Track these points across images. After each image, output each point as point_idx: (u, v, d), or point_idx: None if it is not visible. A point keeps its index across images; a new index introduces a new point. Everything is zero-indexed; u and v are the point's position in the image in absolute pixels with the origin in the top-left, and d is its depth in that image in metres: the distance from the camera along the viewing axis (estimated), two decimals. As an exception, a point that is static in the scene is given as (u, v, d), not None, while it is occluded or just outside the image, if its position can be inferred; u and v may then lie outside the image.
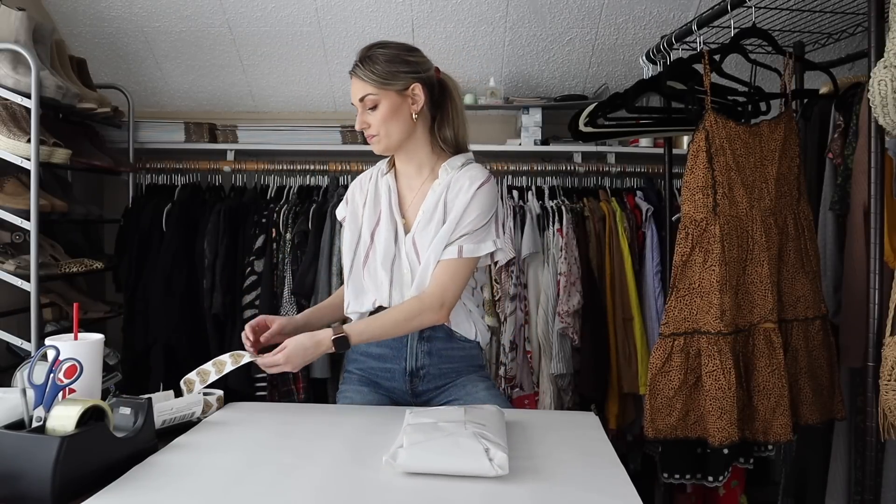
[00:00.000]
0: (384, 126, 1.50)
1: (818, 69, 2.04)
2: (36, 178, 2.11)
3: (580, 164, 2.81)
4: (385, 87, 1.48)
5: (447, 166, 1.55)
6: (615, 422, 2.57)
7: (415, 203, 1.58)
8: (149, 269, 2.67)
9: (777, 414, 1.69)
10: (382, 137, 1.52)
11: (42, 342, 1.16)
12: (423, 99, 1.52)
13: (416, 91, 1.51)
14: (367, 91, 1.49)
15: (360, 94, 1.50)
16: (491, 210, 1.52)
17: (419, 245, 1.52)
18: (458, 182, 1.53)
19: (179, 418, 1.29)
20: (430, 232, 1.51)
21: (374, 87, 1.48)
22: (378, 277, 1.55)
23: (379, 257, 1.55)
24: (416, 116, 1.52)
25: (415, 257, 1.52)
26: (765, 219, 1.74)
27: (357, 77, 1.50)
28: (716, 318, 1.67)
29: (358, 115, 1.53)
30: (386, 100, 1.49)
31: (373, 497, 0.99)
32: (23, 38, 2.15)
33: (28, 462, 0.95)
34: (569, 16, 2.75)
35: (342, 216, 1.67)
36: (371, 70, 1.48)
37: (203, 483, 1.02)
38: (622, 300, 2.59)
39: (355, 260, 1.59)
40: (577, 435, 1.28)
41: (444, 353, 1.55)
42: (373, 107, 1.50)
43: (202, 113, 3.10)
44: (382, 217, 1.58)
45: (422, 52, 1.56)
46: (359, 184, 1.67)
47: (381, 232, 1.56)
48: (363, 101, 1.50)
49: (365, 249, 1.57)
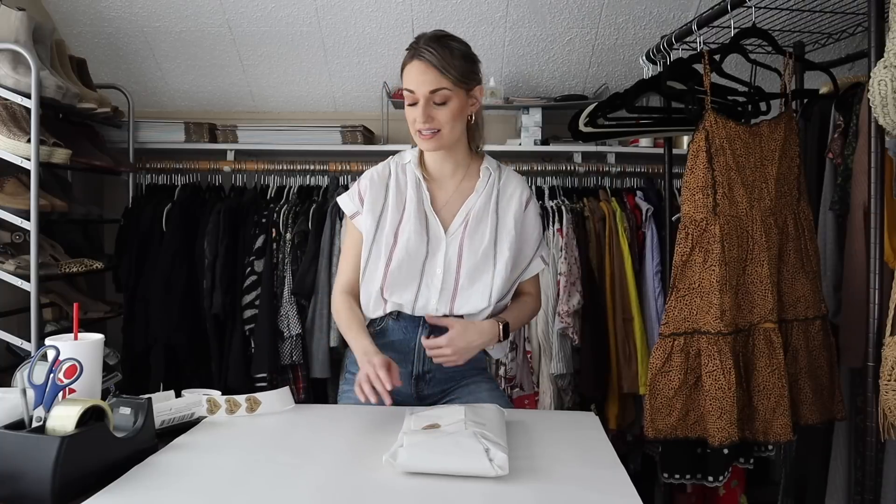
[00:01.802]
0: (451, 124, 1.43)
1: (818, 69, 2.04)
2: (36, 178, 2.11)
3: (580, 164, 2.81)
4: (461, 84, 1.43)
5: (487, 167, 1.56)
6: (615, 422, 2.57)
7: (451, 204, 1.53)
8: (149, 269, 2.67)
9: (777, 414, 1.69)
10: (445, 134, 1.44)
11: (42, 342, 1.16)
12: (480, 101, 1.49)
13: (478, 93, 1.48)
14: (442, 85, 1.40)
15: (433, 86, 1.40)
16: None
17: (467, 248, 1.49)
18: (508, 189, 1.55)
19: (178, 419, 1.29)
20: (484, 236, 1.50)
21: (450, 82, 1.41)
22: (404, 278, 1.49)
23: (406, 257, 1.48)
24: (473, 118, 1.50)
25: (456, 260, 1.48)
26: (765, 219, 1.74)
27: (431, 67, 1.40)
28: (716, 318, 1.67)
29: (420, 107, 1.42)
30: (457, 98, 1.43)
31: (373, 497, 0.99)
32: (23, 38, 2.15)
33: (28, 462, 0.95)
34: (569, 16, 2.75)
35: (352, 211, 1.55)
36: (451, 65, 1.40)
37: (203, 483, 1.02)
38: (622, 300, 2.59)
39: (371, 258, 1.52)
40: (577, 435, 1.28)
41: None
42: (442, 102, 1.42)
43: (202, 113, 3.10)
44: (408, 214, 1.50)
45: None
46: (371, 178, 1.56)
47: (407, 231, 1.49)
48: (434, 94, 1.41)
49: (388, 248, 1.50)
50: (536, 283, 1.65)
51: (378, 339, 1.52)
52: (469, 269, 1.48)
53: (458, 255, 1.49)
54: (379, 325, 1.54)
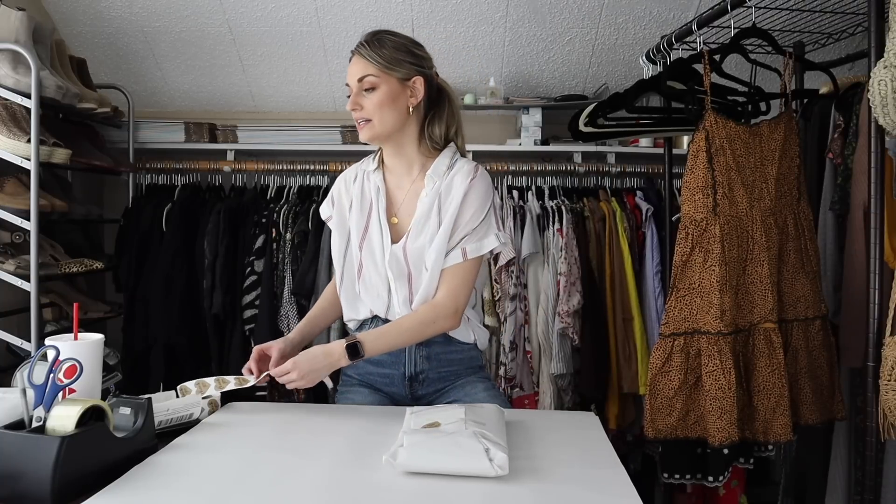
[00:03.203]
0: (378, 111, 1.44)
1: (818, 69, 2.04)
2: (36, 178, 2.11)
3: (580, 164, 2.81)
4: (388, 71, 1.44)
5: (432, 174, 1.50)
6: (615, 422, 2.57)
7: (406, 203, 1.53)
8: (149, 269, 2.67)
9: (777, 414, 1.69)
10: (375, 124, 1.46)
11: (42, 342, 1.16)
12: (422, 93, 1.48)
13: (417, 84, 1.47)
14: (368, 71, 1.44)
15: (360, 74, 1.45)
16: (487, 201, 1.48)
17: (410, 254, 1.48)
18: (449, 184, 1.49)
19: (177, 420, 1.29)
20: (424, 240, 1.47)
21: (376, 68, 1.43)
22: (375, 289, 1.51)
23: (373, 269, 1.51)
24: (412, 110, 1.48)
25: (404, 266, 1.48)
26: (765, 219, 1.74)
27: (360, 56, 1.45)
28: (716, 318, 1.67)
29: (352, 96, 1.46)
30: (386, 84, 1.44)
31: (373, 497, 0.99)
32: (23, 38, 2.15)
33: (28, 462, 0.95)
34: (569, 16, 2.75)
35: (327, 215, 1.62)
36: (377, 52, 1.44)
37: (203, 483, 1.02)
38: (622, 300, 2.59)
39: (346, 269, 1.55)
40: (577, 435, 1.28)
41: (443, 356, 1.54)
42: (370, 88, 1.44)
43: (202, 113, 3.10)
44: (371, 225, 1.52)
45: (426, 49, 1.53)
46: (344, 183, 1.61)
47: (371, 242, 1.51)
48: (361, 82, 1.45)
49: (357, 260, 1.53)
50: (453, 277, 1.46)
51: None
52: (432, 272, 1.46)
53: (405, 261, 1.48)
54: (368, 328, 1.55)
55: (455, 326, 1.47)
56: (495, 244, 1.48)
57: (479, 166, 1.52)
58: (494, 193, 1.52)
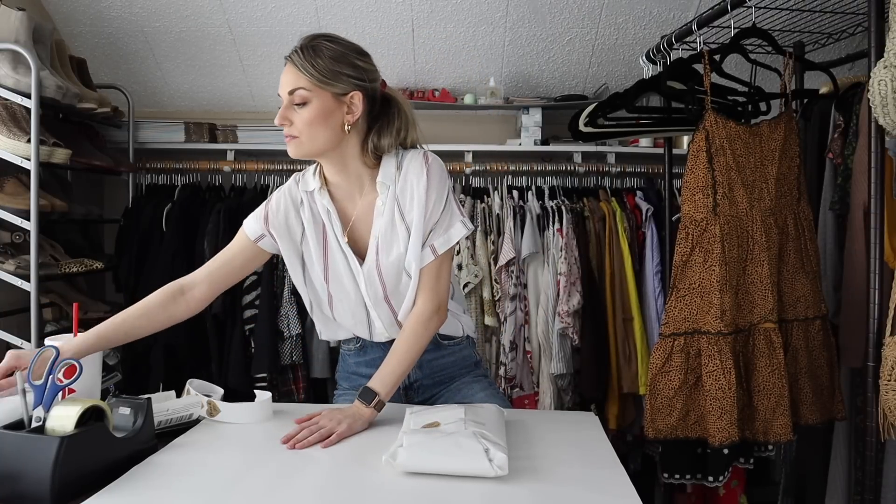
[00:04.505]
0: (308, 129, 1.30)
1: (818, 69, 2.04)
2: (36, 178, 2.11)
3: (580, 164, 2.81)
4: (322, 85, 1.29)
5: (383, 181, 1.37)
6: (615, 422, 2.57)
7: (362, 218, 1.41)
8: (148, 269, 2.66)
9: (777, 414, 1.69)
10: (304, 141, 1.32)
11: (42, 342, 1.15)
12: (360, 109, 1.33)
13: (355, 100, 1.32)
14: (299, 84, 1.29)
15: (290, 86, 1.30)
16: (444, 188, 1.37)
17: (385, 270, 1.39)
18: (404, 184, 1.37)
19: (176, 420, 1.29)
20: (399, 250, 1.38)
21: (308, 81, 1.28)
22: (353, 318, 1.45)
23: (345, 299, 1.42)
24: (348, 128, 1.33)
25: (380, 288, 1.40)
26: (765, 219, 1.74)
27: (292, 65, 1.30)
28: (716, 318, 1.67)
29: (281, 108, 1.32)
30: (318, 100, 1.29)
31: (373, 497, 0.99)
32: (23, 38, 2.15)
33: (28, 462, 0.95)
34: (569, 16, 2.75)
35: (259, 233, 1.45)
36: (311, 63, 1.28)
37: (203, 483, 1.02)
38: (622, 300, 2.59)
39: (312, 297, 1.46)
40: (577, 435, 1.28)
41: (434, 362, 1.52)
42: (301, 103, 1.29)
43: (202, 113, 3.10)
44: (331, 253, 1.41)
45: (372, 59, 1.37)
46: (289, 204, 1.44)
47: (338, 272, 1.41)
48: (292, 95, 1.30)
49: (324, 291, 1.44)
50: (428, 278, 1.39)
51: (360, 357, 1.53)
52: (392, 285, 1.40)
53: (380, 280, 1.40)
54: (357, 343, 1.53)
55: (443, 321, 1.42)
56: (463, 232, 1.39)
57: (427, 153, 1.39)
58: (447, 176, 1.41)
